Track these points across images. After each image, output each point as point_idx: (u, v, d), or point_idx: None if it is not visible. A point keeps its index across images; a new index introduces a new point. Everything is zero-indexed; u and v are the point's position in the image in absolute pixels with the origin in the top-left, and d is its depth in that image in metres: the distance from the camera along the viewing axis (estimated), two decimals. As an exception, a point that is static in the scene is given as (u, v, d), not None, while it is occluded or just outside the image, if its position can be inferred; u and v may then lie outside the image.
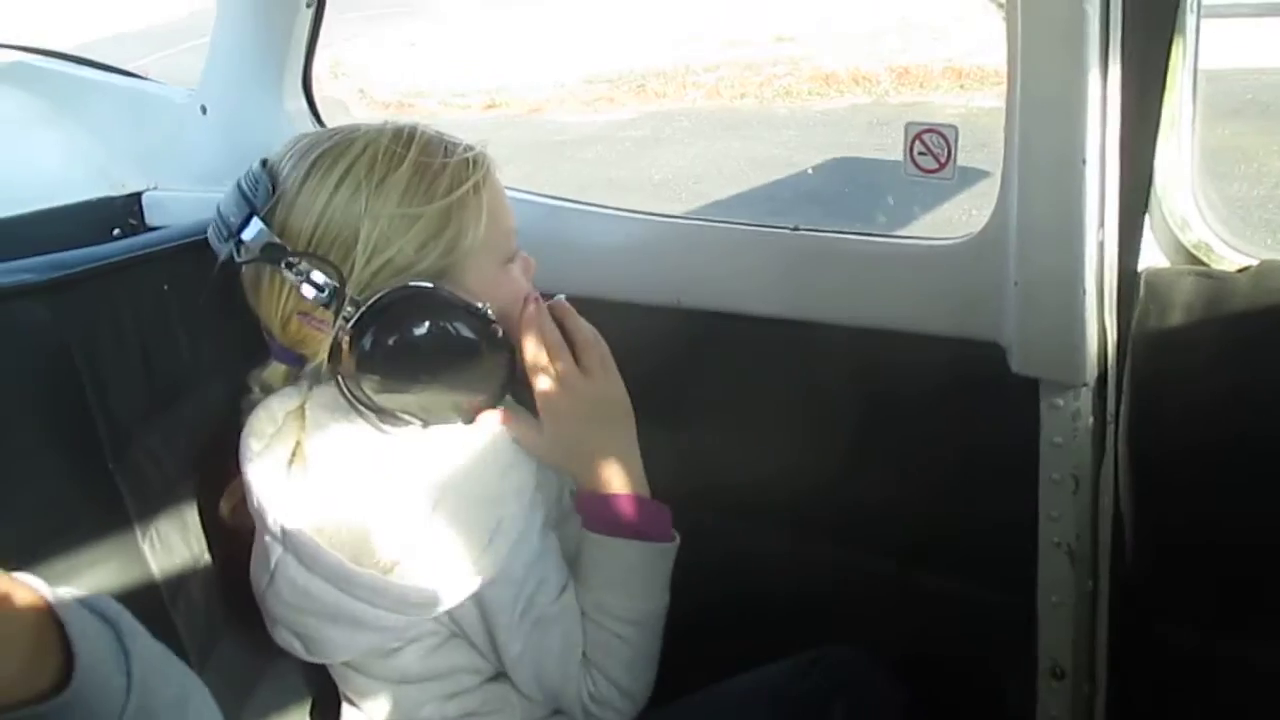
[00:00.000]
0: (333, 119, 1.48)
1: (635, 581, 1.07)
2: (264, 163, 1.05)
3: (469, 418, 1.02)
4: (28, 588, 0.67)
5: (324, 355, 1.00)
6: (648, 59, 8.30)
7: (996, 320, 1.04)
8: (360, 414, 1.00)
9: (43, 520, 1.01)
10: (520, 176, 1.13)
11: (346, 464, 1.01)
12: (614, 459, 1.07)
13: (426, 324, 0.97)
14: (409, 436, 1.01)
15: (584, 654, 1.06)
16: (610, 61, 8.33)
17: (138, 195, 1.62)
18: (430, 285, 0.98)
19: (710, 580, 1.22)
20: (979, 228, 1.05)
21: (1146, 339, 0.96)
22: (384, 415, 1.00)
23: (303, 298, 1.00)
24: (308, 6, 1.43)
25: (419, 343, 0.97)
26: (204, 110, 1.54)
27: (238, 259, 1.02)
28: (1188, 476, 0.98)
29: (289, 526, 0.98)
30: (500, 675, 1.08)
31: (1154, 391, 0.97)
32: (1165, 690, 1.09)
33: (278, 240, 1.01)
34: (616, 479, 1.07)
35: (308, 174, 1.01)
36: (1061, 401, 1.02)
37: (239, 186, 1.05)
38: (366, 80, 8.39)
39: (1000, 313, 1.03)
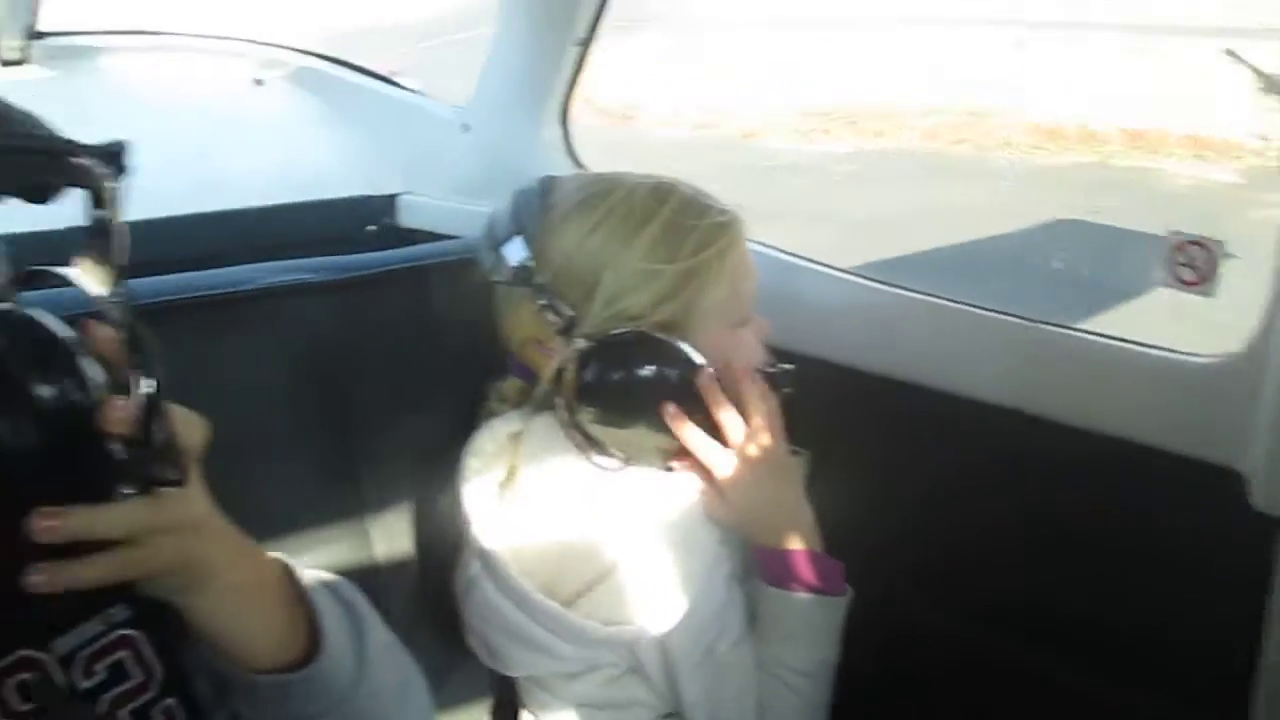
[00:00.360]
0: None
1: (809, 633, 1.09)
2: (542, 190, 1.11)
3: (667, 464, 1.07)
4: (290, 569, 0.75)
5: (548, 380, 1.06)
6: (869, 95, 8.21)
7: (1241, 447, 1.00)
8: (572, 442, 1.06)
9: (287, 498, 1.11)
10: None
11: (552, 492, 1.06)
12: (788, 516, 1.09)
13: (649, 369, 1.03)
14: (612, 474, 1.06)
15: (757, 703, 1.08)
16: (830, 94, 8.28)
17: (394, 197, 1.74)
18: (662, 336, 1.03)
19: (893, 660, 1.22)
20: (1239, 346, 1.01)
21: None
22: (593, 446, 1.06)
23: (541, 323, 1.06)
24: (575, 45, 1.50)
25: (638, 385, 1.03)
26: (466, 128, 1.65)
27: (495, 274, 1.10)
28: None
29: (488, 547, 1.04)
30: (674, 715, 1.10)
31: None
32: None
33: (531, 264, 1.07)
34: (792, 535, 1.09)
35: (570, 212, 1.07)
36: (1304, 544, 0.97)
37: (514, 204, 1.11)
38: (593, 88, 8.62)
39: (1247, 440, 0.99)
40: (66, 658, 0.70)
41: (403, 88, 1.83)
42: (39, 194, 0.57)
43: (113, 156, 0.57)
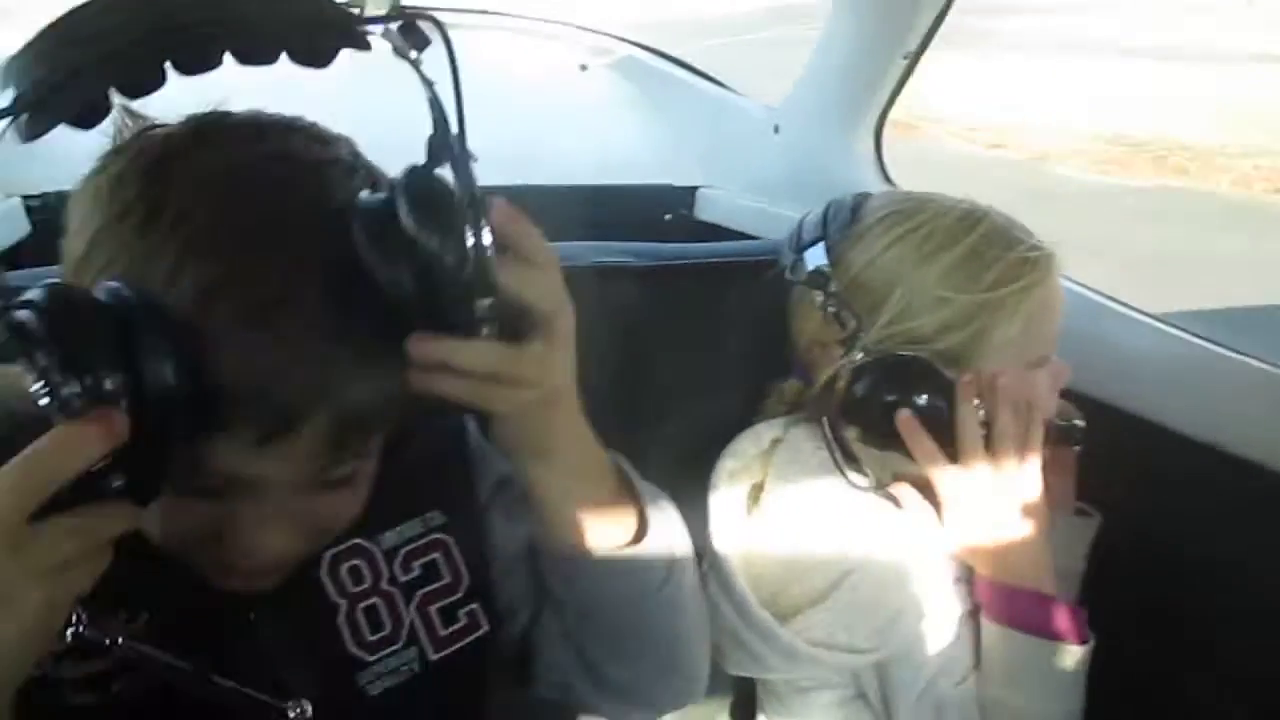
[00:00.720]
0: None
1: (1032, 680, 1.02)
2: (855, 203, 1.11)
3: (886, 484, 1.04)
4: (622, 464, 0.81)
5: (820, 384, 1.06)
6: (1179, 128, 7.63)
7: None
8: (829, 453, 1.06)
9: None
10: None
11: (794, 502, 1.06)
12: (1021, 551, 1.02)
13: (923, 399, 1.00)
14: (856, 495, 1.04)
15: None
16: (1135, 124, 7.77)
17: (693, 189, 1.78)
18: (940, 368, 1.00)
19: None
20: None
21: None
22: (849, 462, 1.05)
23: (827, 329, 1.06)
24: (903, 59, 1.47)
25: (905, 410, 1.01)
26: (776, 129, 1.66)
27: (791, 275, 1.11)
28: None
29: (720, 549, 1.04)
30: None
31: None
32: None
33: (828, 270, 1.07)
34: (1022, 571, 1.02)
35: (874, 225, 1.07)
36: None
37: (825, 211, 1.12)
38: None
39: None
40: (390, 551, 0.79)
41: (717, 83, 1.87)
42: (322, 57, 0.61)
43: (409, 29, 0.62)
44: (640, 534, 0.77)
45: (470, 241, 0.57)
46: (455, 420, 0.84)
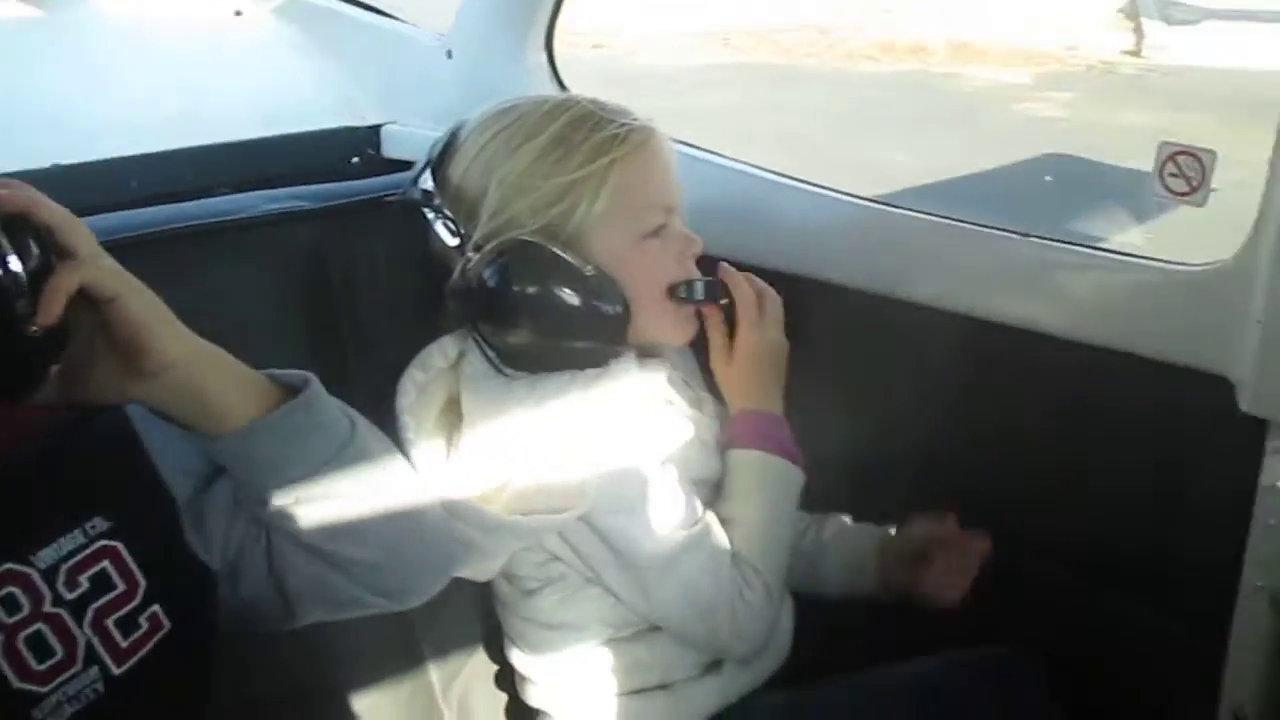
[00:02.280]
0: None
1: (779, 493, 1.15)
2: (460, 122, 1.14)
3: (568, 365, 1.07)
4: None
5: (449, 295, 1.09)
6: (742, 17, 9.16)
7: (1230, 355, 1.01)
8: (484, 355, 1.09)
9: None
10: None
11: (486, 404, 1.08)
12: (772, 395, 1.18)
13: (522, 273, 1.05)
14: (530, 384, 1.07)
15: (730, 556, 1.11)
16: (711, 16, 9.18)
17: (378, 128, 1.72)
18: (531, 240, 1.04)
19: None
20: (1229, 256, 1.02)
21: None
22: (505, 359, 1.08)
23: (448, 243, 1.09)
24: (561, -33, 1.47)
25: (521, 293, 1.05)
26: (449, 55, 1.62)
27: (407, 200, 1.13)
28: None
29: (416, 453, 1.06)
30: (639, 635, 1.13)
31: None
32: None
33: (430, 188, 1.11)
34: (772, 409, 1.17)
35: (470, 134, 1.11)
36: (1290, 447, 0.99)
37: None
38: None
39: (1236, 347, 1.00)
40: (50, 570, 0.72)
41: (385, 14, 1.80)
42: None
43: None
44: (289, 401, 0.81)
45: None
46: (107, 420, 0.78)
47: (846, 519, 1.30)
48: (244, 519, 0.84)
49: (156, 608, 0.76)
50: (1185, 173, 1.05)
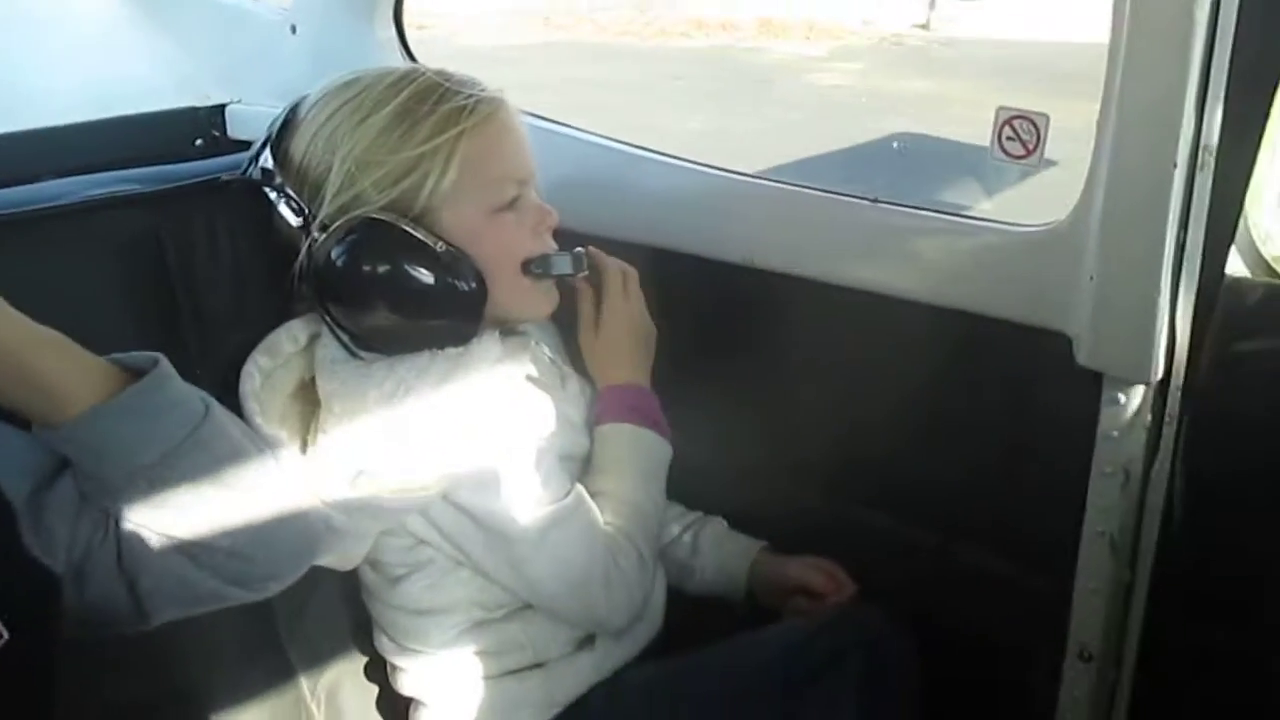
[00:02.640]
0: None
1: (648, 465, 1.17)
2: (300, 98, 1.10)
3: (426, 345, 1.05)
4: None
5: (296, 277, 1.05)
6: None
7: (1068, 311, 1.05)
8: (336, 339, 1.05)
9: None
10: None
11: (342, 389, 1.05)
12: (640, 369, 1.20)
13: (370, 252, 1.02)
14: (404, 364, 1.04)
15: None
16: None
17: (221, 107, 1.65)
18: (378, 217, 1.02)
19: (754, 531, 1.27)
20: (1062, 217, 1.06)
21: (1217, 346, 0.97)
22: (358, 342, 1.06)
23: (288, 224, 1.06)
24: (406, -64, 1.44)
25: (362, 270, 1.02)
26: (294, 30, 1.56)
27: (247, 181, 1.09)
28: (1239, 485, 1.00)
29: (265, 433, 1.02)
30: (512, 615, 1.13)
31: (1218, 399, 0.98)
32: (1187, 684, 1.12)
33: (270, 166, 1.07)
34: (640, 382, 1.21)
35: (311, 110, 1.08)
36: (1123, 397, 1.04)
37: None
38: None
39: (1073, 304, 1.04)
40: None
41: (223, -12, 1.72)
42: None
43: None
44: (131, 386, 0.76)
45: None
46: None
47: (723, 524, 1.32)
48: (89, 516, 0.80)
49: None
50: (1021, 136, 1.09)
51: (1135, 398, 1.04)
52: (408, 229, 1.02)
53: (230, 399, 1.04)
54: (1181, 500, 1.04)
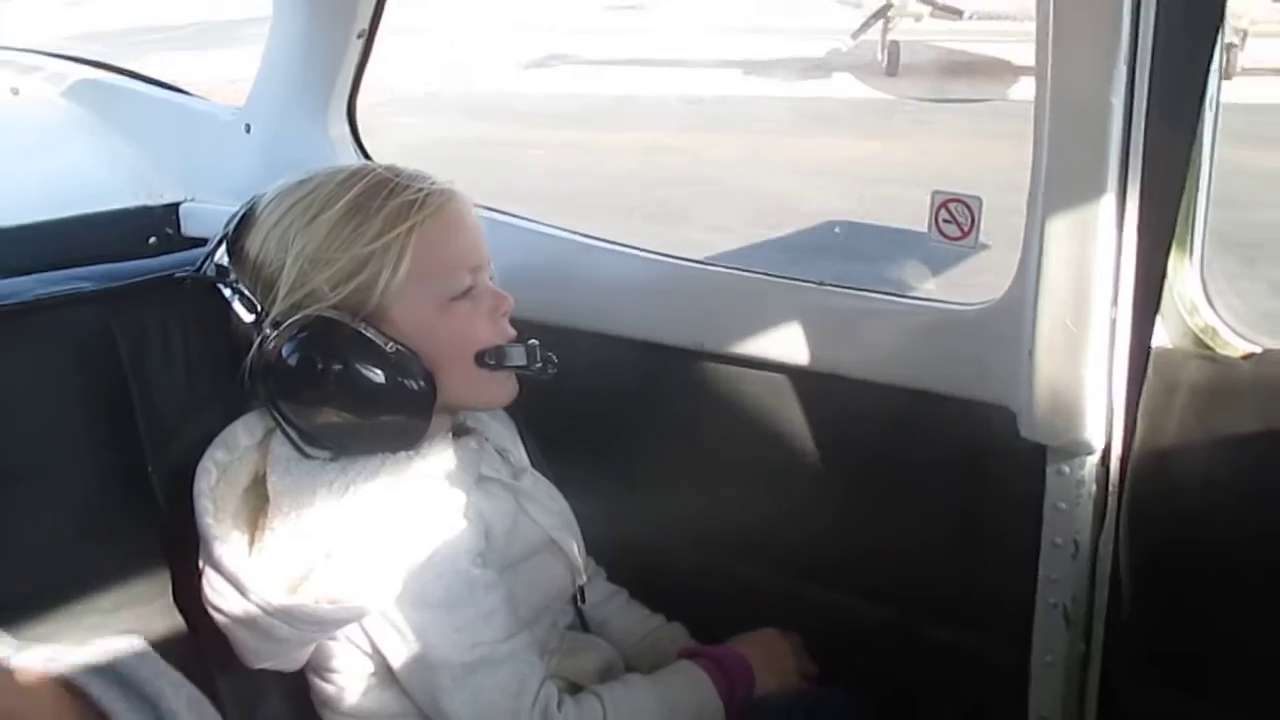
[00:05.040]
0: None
1: (686, 712, 1.12)
2: (257, 197, 1.12)
3: (376, 450, 1.05)
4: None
5: (246, 372, 1.05)
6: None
7: (1009, 386, 1.08)
8: (284, 434, 1.05)
9: (82, 518, 1.06)
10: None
11: (292, 488, 1.04)
12: (764, 668, 1.19)
13: (320, 351, 1.02)
14: (354, 467, 1.04)
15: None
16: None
17: (175, 206, 1.66)
18: (329, 315, 1.02)
19: (714, 614, 1.27)
20: (998, 295, 1.09)
21: (1152, 415, 1.00)
22: (306, 440, 1.06)
23: (241, 320, 1.07)
24: (358, 37, 1.47)
25: (317, 370, 1.02)
26: (248, 129, 1.59)
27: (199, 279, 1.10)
28: (1185, 550, 1.02)
29: (215, 539, 1.02)
30: None
31: (1157, 466, 1.01)
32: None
33: (225, 263, 1.08)
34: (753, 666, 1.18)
35: (266, 207, 1.09)
36: (1067, 468, 1.06)
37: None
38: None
39: (1013, 379, 1.07)
40: None
41: (178, 90, 1.75)
42: None
43: None
44: None
45: None
46: None
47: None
48: None
49: None
50: (957, 218, 1.13)
51: (1079, 469, 1.06)
52: (357, 328, 1.02)
53: (184, 495, 1.04)
54: (1129, 569, 1.06)
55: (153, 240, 1.64)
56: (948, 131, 6.76)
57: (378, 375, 1.02)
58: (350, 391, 1.03)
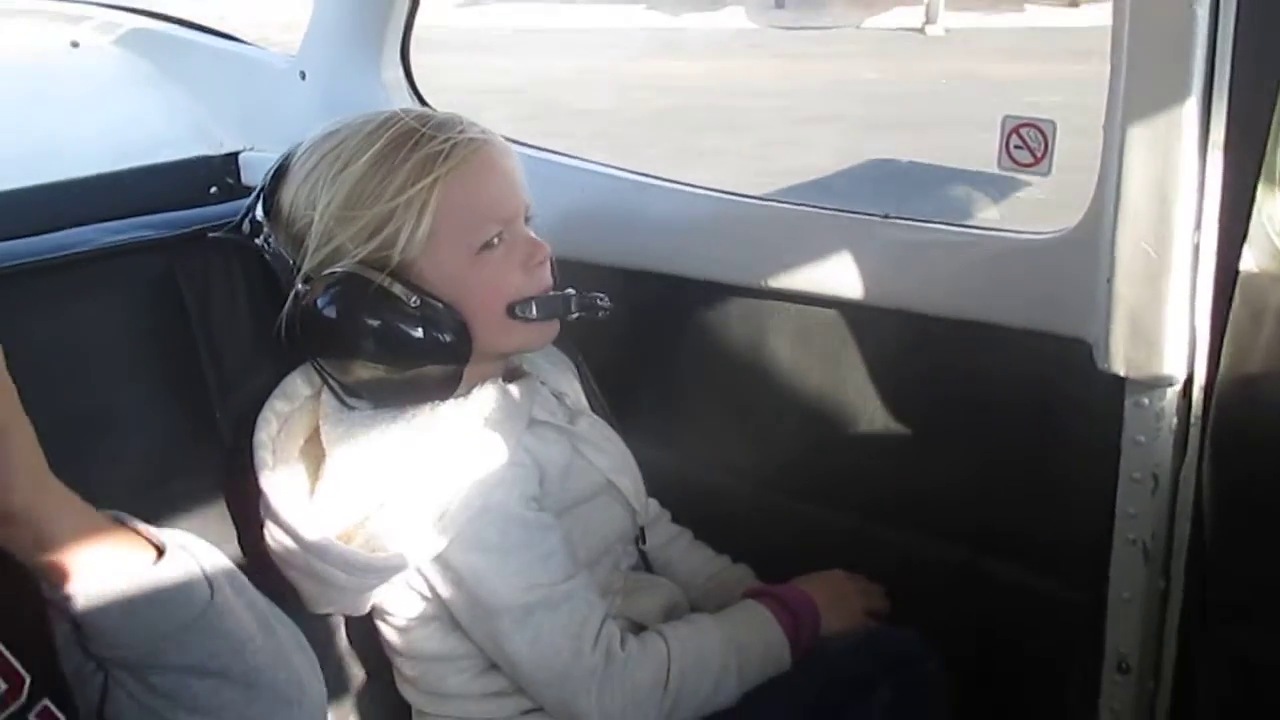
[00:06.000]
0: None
1: (751, 651, 1.11)
2: (294, 146, 1.11)
3: (414, 401, 1.04)
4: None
5: (282, 327, 1.05)
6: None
7: (1085, 316, 1.04)
8: (329, 387, 1.06)
9: (150, 465, 1.08)
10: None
11: (345, 439, 1.05)
12: (828, 607, 1.17)
13: (348, 307, 1.02)
14: (405, 416, 1.04)
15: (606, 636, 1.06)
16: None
17: (235, 155, 1.67)
18: (354, 271, 1.01)
19: (780, 556, 1.26)
20: (1073, 223, 1.05)
21: (1238, 342, 0.96)
22: (348, 392, 1.06)
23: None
24: (408, -22, 1.46)
25: (349, 323, 1.02)
26: (303, 76, 1.58)
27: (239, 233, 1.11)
28: (1272, 483, 0.98)
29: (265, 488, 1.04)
30: None
31: (1243, 395, 0.97)
32: (1228, 692, 1.09)
33: (259, 218, 1.08)
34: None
35: (298, 159, 1.08)
36: (1146, 400, 1.03)
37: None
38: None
39: (1090, 309, 1.03)
40: None
41: (233, 39, 1.75)
42: None
43: None
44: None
45: None
46: None
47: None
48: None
49: (47, 702, 0.71)
50: (1029, 144, 1.09)
51: (1159, 400, 1.03)
52: (382, 284, 1.01)
53: (249, 443, 1.05)
54: (1212, 503, 1.02)
55: (214, 190, 1.64)
56: (776, 54, 8.34)
57: (404, 329, 1.02)
58: (378, 346, 1.02)
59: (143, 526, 0.76)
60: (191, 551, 0.76)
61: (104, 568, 0.72)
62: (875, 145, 5.09)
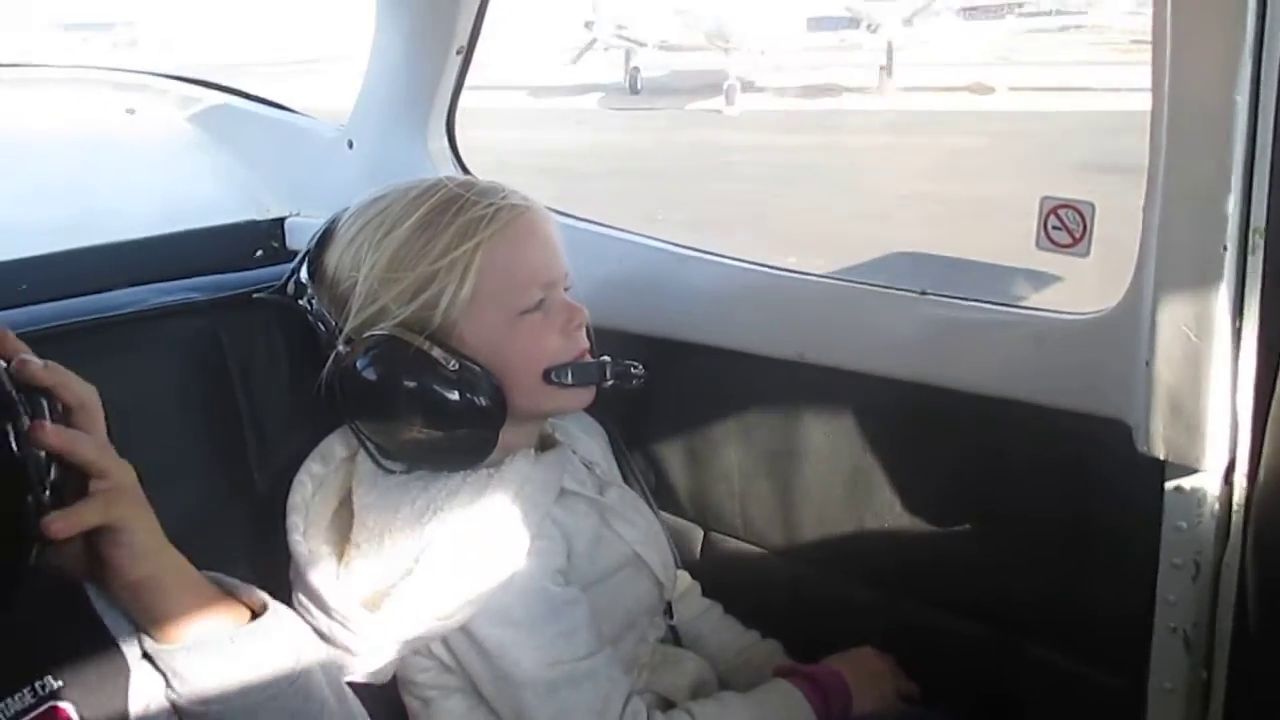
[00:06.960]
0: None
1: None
2: (340, 212, 1.14)
3: (449, 465, 1.06)
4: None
5: (322, 389, 1.07)
6: None
7: (1124, 398, 1.03)
8: (364, 449, 1.07)
9: (188, 520, 1.08)
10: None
11: (376, 503, 1.06)
12: (860, 690, 1.17)
13: (387, 369, 1.04)
14: (437, 484, 1.05)
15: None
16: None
17: (281, 220, 1.71)
18: (394, 334, 1.03)
19: (811, 631, 1.24)
20: (1113, 303, 1.05)
21: (1282, 428, 0.95)
22: (384, 454, 1.07)
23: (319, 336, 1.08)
24: (457, 54, 1.49)
25: (388, 386, 1.04)
26: (350, 145, 1.62)
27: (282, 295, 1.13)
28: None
29: (303, 554, 1.04)
30: None
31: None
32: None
33: (304, 280, 1.10)
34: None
35: (344, 224, 1.11)
36: (1187, 485, 1.01)
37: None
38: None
39: (1129, 390, 1.02)
40: None
41: (284, 109, 1.80)
42: None
43: None
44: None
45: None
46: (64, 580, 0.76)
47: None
48: None
49: None
50: (1068, 225, 1.09)
51: (1200, 486, 1.01)
52: (421, 347, 1.02)
53: (282, 503, 1.06)
54: (1257, 593, 1.00)
55: (259, 253, 1.68)
56: (596, 127, 11.12)
57: (441, 392, 1.03)
58: (415, 408, 1.03)
59: (242, 587, 0.81)
60: (282, 619, 0.80)
61: (208, 630, 0.76)
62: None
